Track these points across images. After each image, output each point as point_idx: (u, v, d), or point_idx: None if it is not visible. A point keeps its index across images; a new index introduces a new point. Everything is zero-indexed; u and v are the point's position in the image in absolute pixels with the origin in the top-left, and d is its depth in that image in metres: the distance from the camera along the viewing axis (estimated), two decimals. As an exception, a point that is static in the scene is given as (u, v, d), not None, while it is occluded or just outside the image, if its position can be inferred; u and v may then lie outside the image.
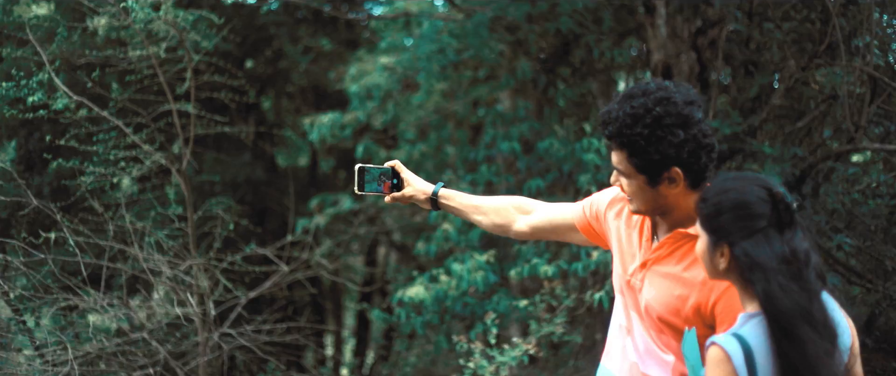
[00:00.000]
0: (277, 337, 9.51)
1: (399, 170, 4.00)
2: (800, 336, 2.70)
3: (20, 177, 13.52)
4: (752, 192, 2.82)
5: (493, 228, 4.00)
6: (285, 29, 14.44)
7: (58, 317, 11.38)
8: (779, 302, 2.71)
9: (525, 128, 9.00)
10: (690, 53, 8.80)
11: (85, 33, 13.34)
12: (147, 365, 8.85)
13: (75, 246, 8.32)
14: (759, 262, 2.75)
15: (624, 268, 3.44)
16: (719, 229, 2.85)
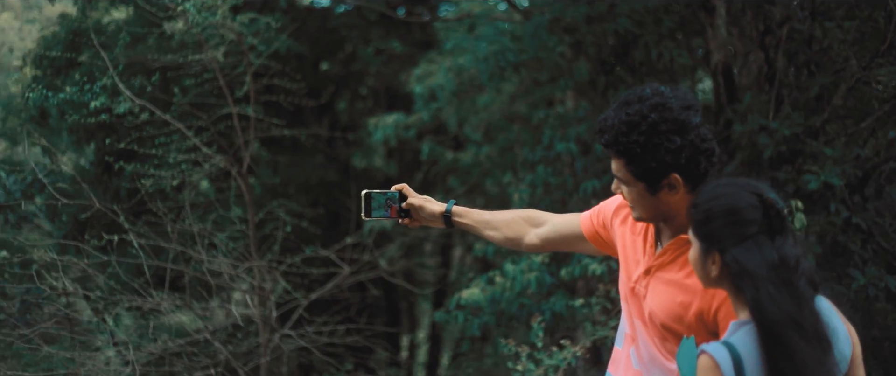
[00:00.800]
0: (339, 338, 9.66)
1: (407, 193, 3.97)
2: (789, 344, 2.68)
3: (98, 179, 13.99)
4: (742, 199, 2.80)
5: (506, 242, 3.99)
6: (357, 31, 14.63)
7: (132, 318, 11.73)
8: (767, 309, 2.69)
9: (583, 129, 9.01)
10: (759, 53, 8.73)
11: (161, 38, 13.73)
12: (209, 366, 9.07)
13: (139, 248, 8.56)
14: (749, 269, 2.73)
15: (628, 276, 3.42)
16: (710, 236, 2.83)
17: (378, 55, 14.75)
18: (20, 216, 17.59)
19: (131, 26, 12.83)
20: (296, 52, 14.32)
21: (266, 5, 13.94)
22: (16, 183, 16.16)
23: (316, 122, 15.91)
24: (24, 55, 17.80)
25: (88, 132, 15.07)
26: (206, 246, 9.19)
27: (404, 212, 3.94)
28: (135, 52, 13.10)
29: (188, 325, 9.58)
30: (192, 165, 9.05)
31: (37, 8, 21.83)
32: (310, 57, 15.25)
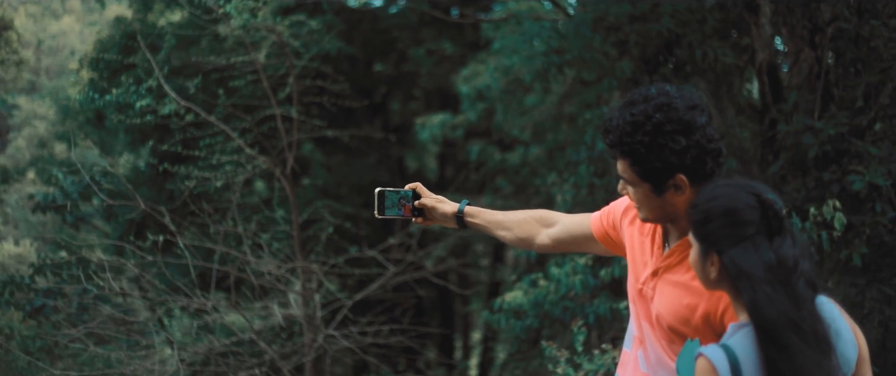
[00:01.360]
0: (383, 338, 9.76)
1: (421, 192, 3.96)
2: (787, 345, 2.67)
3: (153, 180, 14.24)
4: (740, 199, 2.79)
5: (517, 243, 3.97)
6: (408, 32, 14.74)
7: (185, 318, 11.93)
8: (765, 311, 2.69)
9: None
10: (809, 52, 8.68)
11: (214, 40, 13.96)
12: (254, 366, 9.21)
13: (185, 249, 8.73)
14: (746, 271, 2.72)
15: (636, 277, 3.40)
16: (708, 237, 2.82)
17: (429, 55, 14.85)
18: (77, 217, 17.98)
19: (185, 29, 13.06)
20: (347, 54, 14.47)
21: (317, 7, 14.10)
22: (73, 184, 16.51)
23: (368, 123, 16.06)
24: (81, 58, 18.20)
25: (143, 134, 15.35)
26: (252, 247, 9.34)
27: (418, 211, 3.94)
28: (188, 55, 13.34)
29: (238, 326, 9.75)
30: (237, 166, 9.21)
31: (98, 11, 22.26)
32: (361, 58, 15.39)
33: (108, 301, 10.40)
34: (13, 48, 19.24)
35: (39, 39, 32.89)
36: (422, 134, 11.59)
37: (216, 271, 9.25)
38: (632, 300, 3.44)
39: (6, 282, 16.79)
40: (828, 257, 7.86)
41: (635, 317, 3.42)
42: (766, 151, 8.84)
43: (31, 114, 25.58)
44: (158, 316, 11.39)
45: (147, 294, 10.05)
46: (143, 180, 16.06)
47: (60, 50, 32.00)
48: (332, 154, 15.72)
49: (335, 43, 14.00)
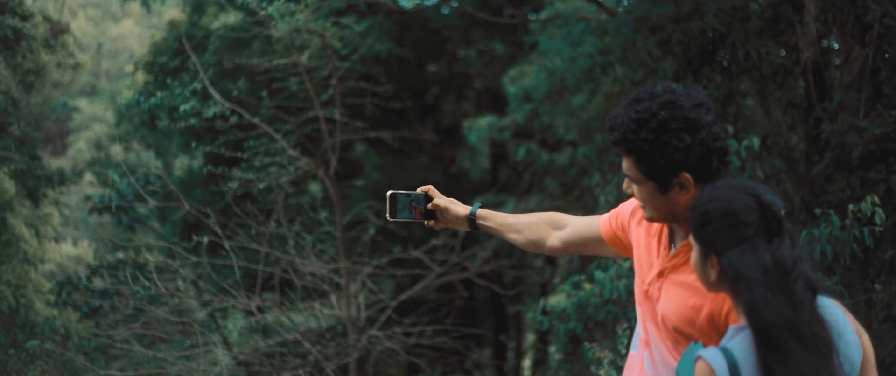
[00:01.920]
0: (427, 339, 9.86)
1: (433, 195, 3.98)
2: (784, 349, 2.67)
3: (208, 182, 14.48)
4: (739, 200, 2.78)
5: (528, 245, 3.98)
6: (459, 33, 14.83)
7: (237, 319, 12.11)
8: (762, 314, 2.69)
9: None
10: (859, 50, 8.64)
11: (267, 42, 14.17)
12: (298, 367, 9.37)
13: (230, 251, 8.90)
14: (743, 273, 2.72)
15: (642, 278, 3.39)
16: (708, 239, 2.82)
17: (480, 56, 14.93)
18: (133, 218, 18.32)
19: (237, 32, 13.27)
20: (397, 55, 14.60)
21: (368, 9, 14.25)
22: (128, 186, 16.83)
23: (420, 124, 16.19)
24: (136, 61, 18.55)
25: (196, 136, 15.61)
26: (297, 248, 9.48)
27: (429, 214, 3.96)
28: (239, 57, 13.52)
29: (290, 326, 9.90)
30: (280, 168, 9.37)
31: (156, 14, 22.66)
32: (413, 59, 15.51)
33: (161, 302, 10.61)
34: (69, 51, 19.63)
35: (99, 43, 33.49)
36: (469, 136, 11.66)
37: (262, 272, 9.42)
38: (638, 302, 3.43)
39: (63, 282, 17.18)
40: (872, 255, 7.83)
41: (641, 319, 3.41)
42: (812, 150, 8.80)
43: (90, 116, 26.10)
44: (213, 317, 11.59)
45: (196, 295, 10.24)
46: (197, 182, 16.33)
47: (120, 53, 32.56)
48: (384, 155, 15.87)
49: (386, 44, 14.14)
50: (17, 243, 18.74)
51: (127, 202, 16.69)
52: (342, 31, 12.16)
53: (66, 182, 19.86)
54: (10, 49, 17.20)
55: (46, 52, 18.75)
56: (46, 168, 18.92)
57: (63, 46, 19.39)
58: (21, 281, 18.50)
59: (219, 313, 11.91)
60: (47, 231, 21.15)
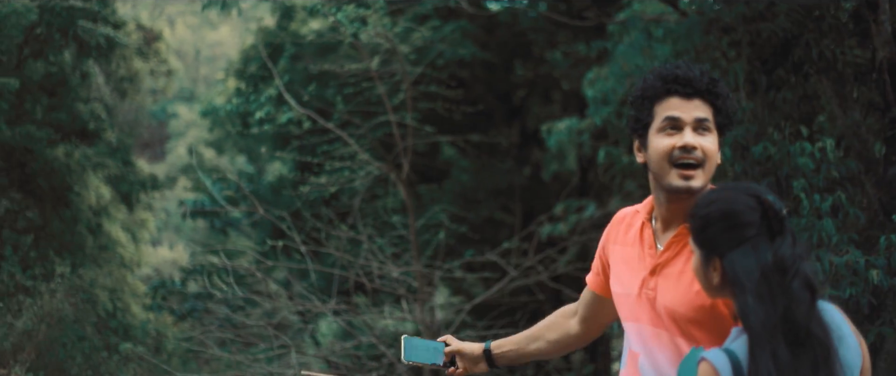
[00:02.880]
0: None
1: (449, 342, 3.94)
2: (774, 353, 2.70)
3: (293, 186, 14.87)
4: (740, 201, 2.81)
5: (555, 348, 3.94)
6: (544, 35, 14.95)
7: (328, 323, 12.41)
8: (750, 318, 2.71)
9: (740, 133, 9.04)
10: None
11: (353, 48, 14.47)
12: (372, 370, 9.62)
13: (304, 255, 9.19)
14: (740, 275, 2.76)
15: (630, 289, 3.37)
16: (709, 242, 2.85)
17: (566, 58, 15.03)
18: (226, 222, 18.85)
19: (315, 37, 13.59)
20: (481, 58, 14.79)
21: (452, 13, 14.46)
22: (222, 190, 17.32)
23: (506, 127, 16.36)
24: (226, 68, 19.08)
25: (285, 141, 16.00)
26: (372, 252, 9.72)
27: (451, 361, 3.91)
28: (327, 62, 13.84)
29: (370, 328, 10.15)
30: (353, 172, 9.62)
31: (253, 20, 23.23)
32: (498, 62, 15.68)
33: (254, 305, 10.94)
34: (162, 58, 20.28)
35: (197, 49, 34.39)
36: (549, 140, 11.78)
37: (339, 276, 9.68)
38: (627, 318, 3.39)
39: (157, 286, 17.77)
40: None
41: (634, 334, 3.37)
42: (891, 152, 8.74)
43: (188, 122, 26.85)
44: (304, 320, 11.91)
45: (287, 298, 10.54)
46: (286, 187, 16.73)
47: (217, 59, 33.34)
48: (472, 158, 16.06)
49: (470, 48, 14.34)
50: (113, 248, 19.42)
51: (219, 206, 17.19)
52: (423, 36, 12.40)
53: (159, 187, 20.50)
54: (103, 57, 17.86)
55: (140, 59, 19.41)
56: (140, 173, 19.55)
57: (156, 53, 20.04)
58: (118, 284, 19.17)
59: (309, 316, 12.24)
60: (144, 235, 21.86)
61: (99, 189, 18.82)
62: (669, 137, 3.15)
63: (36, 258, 17.60)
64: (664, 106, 3.17)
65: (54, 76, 17.30)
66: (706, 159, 3.14)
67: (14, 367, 13.68)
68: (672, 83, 3.17)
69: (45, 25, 16.33)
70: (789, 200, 8.52)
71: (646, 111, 3.22)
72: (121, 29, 17.75)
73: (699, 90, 3.14)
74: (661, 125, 3.17)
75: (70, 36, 16.55)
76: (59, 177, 17.11)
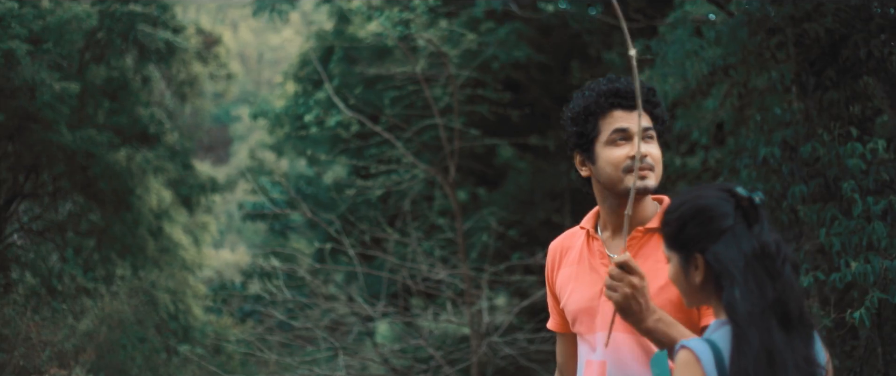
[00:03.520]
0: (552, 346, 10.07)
1: None
2: (771, 337, 2.71)
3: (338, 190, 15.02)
4: (709, 196, 2.86)
5: None
6: (599, 36, 14.97)
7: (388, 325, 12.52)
8: (743, 305, 2.72)
9: (789, 133, 9.01)
10: None
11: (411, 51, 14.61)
12: (420, 372, 9.74)
13: (352, 257, 9.33)
14: (728, 265, 2.77)
15: (590, 297, 3.46)
16: (688, 241, 2.87)
17: (621, 59, 15.03)
18: (285, 225, 19.10)
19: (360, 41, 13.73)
20: (537, 61, 14.84)
21: (507, 16, 14.53)
22: (282, 193, 17.57)
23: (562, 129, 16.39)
24: (285, 71, 19.33)
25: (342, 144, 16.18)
26: (422, 254, 9.83)
27: None
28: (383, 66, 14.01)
29: (452, 332, 10.24)
30: (399, 174, 9.73)
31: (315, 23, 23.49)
32: (554, 64, 15.72)
33: (313, 306, 11.10)
34: (222, 62, 20.59)
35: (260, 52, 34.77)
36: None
37: (386, 279, 9.81)
38: (588, 330, 3.47)
39: (219, 288, 18.06)
40: None
41: (600, 343, 3.42)
42: (940, 152, 8.67)
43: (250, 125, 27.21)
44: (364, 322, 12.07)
45: (347, 300, 10.69)
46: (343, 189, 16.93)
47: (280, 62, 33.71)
48: (530, 160, 16.12)
49: (525, 50, 14.40)
50: (174, 250, 19.78)
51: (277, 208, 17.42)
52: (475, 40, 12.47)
53: (218, 190, 20.83)
54: (163, 61, 18.20)
55: (199, 63, 19.74)
56: (199, 176, 19.89)
57: (215, 57, 20.36)
58: (179, 287, 19.50)
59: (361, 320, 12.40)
60: (205, 238, 22.22)
61: (160, 192, 19.19)
62: (620, 148, 3.37)
63: (98, 260, 17.99)
64: (609, 119, 3.40)
65: (115, 80, 17.68)
66: (655, 164, 3.39)
67: (75, 368, 13.99)
68: (614, 97, 3.40)
69: (106, 30, 16.70)
70: (839, 202, 8.49)
71: (590, 126, 3.44)
72: (180, 33, 18.08)
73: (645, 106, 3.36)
74: (611, 137, 3.39)
75: (130, 40, 16.90)
76: (120, 181, 17.46)
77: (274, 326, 11.62)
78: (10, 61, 13.46)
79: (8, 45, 13.20)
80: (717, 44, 9.76)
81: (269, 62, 35.22)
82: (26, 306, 14.82)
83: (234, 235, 31.12)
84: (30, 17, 14.36)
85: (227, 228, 30.14)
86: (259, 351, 11.33)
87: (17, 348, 13.73)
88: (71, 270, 16.83)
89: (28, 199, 17.67)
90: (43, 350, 13.94)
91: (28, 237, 17.79)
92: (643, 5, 14.46)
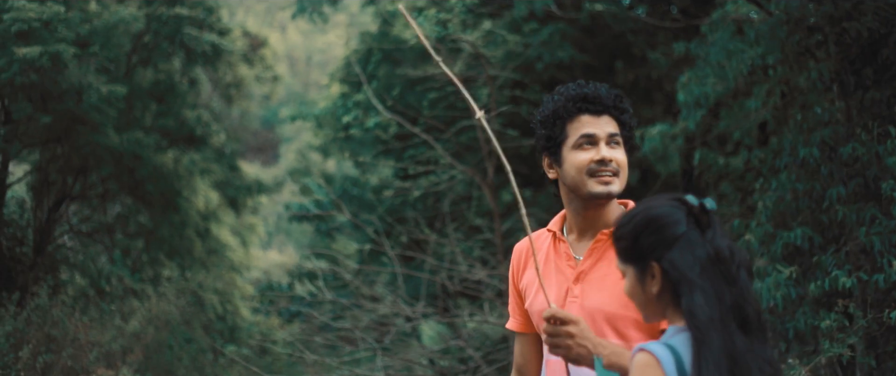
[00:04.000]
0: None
1: None
2: (733, 341, 2.73)
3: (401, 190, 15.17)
4: (660, 206, 2.89)
5: None
6: (643, 36, 14.95)
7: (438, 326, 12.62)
8: (702, 310, 2.74)
9: (828, 133, 8.98)
10: None
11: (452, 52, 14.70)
12: (460, 373, 9.81)
13: (391, 258, 9.43)
14: (685, 270, 2.79)
15: (554, 296, 3.49)
16: (643, 251, 2.88)
17: (665, 59, 15.00)
18: (331, 226, 19.25)
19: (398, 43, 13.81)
20: (581, 61, 14.86)
21: (549, 16, 14.56)
22: (327, 195, 17.71)
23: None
24: (330, 73, 19.47)
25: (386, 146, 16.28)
26: (460, 255, 9.89)
27: None
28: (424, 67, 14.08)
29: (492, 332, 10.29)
30: (437, 175, 9.80)
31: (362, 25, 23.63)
32: (598, 64, 15.72)
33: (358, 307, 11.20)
34: (268, 64, 20.79)
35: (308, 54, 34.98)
36: (643, 145, 11.76)
37: (426, 279, 9.89)
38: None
39: (265, 289, 18.22)
40: None
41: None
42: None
43: (298, 127, 27.42)
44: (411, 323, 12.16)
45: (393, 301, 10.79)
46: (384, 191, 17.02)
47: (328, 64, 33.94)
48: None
49: (569, 51, 14.43)
50: (222, 251, 20.00)
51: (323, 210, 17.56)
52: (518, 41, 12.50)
53: (264, 191, 21.03)
54: (210, 64, 18.42)
55: (245, 65, 19.95)
56: (245, 178, 20.09)
57: (261, 60, 20.56)
58: (227, 287, 19.72)
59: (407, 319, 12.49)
60: (253, 239, 22.45)
61: (207, 194, 19.41)
62: (586, 152, 3.44)
63: (146, 262, 18.24)
64: (576, 124, 3.47)
65: (162, 83, 17.92)
66: (620, 169, 3.45)
67: (122, 369, 14.19)
68: (582, 102, 3.48)
69: (153, 33, 16.93)
70: (878, 202, 8.46)
71: (558, 130, 3.50)
72: (226, 36, 18.28)
73: (607, 107, 3.46)
74: (577, 142, 3.46)
75: (177, 43, 17.11)
76: (167, 183, 17.70)
77: (318, 327, 11.73)
78: (58, 65, 13.70)
79: (55, 49, 13.43)
80: (758, 43, 9.75)
81: (317, 64, 35.46)
82: (75, 307, 15.05)
83: (282, 236, 31.38)
84: (77, 20, 14.60)
85: (275, 229, 30.41)
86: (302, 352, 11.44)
87: (65, 349, 13.95)
88: (119, 271, 17.08)
89: (77, 201, 17.96)
90: (90, 350, 14.15)
91: (77, 238, 18.09)
92: (687, 4, 14.44)
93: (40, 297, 14.44)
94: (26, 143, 16.13)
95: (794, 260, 8.99)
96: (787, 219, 9.19)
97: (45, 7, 13.75)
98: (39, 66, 13.52)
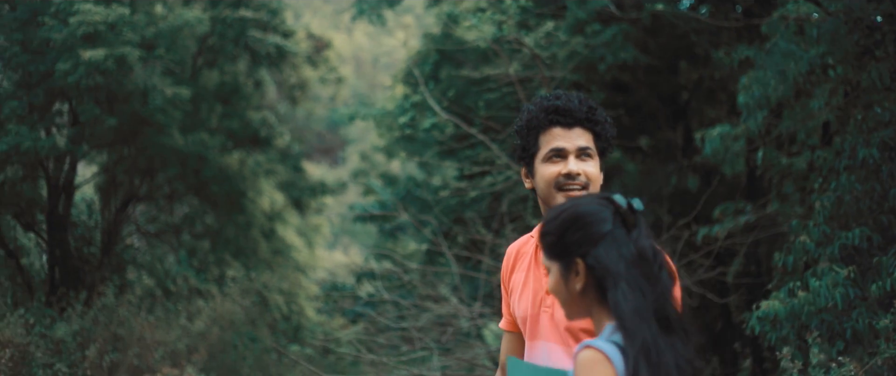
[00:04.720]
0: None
1: None
2: (654, 340, 2.75)
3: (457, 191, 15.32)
4: (587, 203, 2.91)
5: None
6: (707, 36, 14.92)
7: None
8: (626, 304, 2.76)
9: (888, 133, 8.94)
10: None
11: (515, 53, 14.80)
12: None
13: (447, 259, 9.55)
14: (610, 266, 2.80)
15: (532, 305, 3.55)
16: (568, 247, 2.88)
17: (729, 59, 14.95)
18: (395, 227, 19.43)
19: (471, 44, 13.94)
20: (643, 62, 14.87)
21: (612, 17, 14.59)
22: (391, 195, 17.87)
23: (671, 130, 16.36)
24: (394, 75, 19.64)
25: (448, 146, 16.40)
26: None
27: None
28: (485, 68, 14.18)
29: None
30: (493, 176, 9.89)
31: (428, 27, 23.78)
32: (661, 65, 15.71)
33: (422, 309, 11.32)
34: (331, 66, 21.01)
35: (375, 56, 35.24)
36: (705, 147, 11.74)
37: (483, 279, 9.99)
38: (530, 337, 3.56)
39: (330, 288, 18.43)
40: None
41: (538, 351, 3.51)
42: None
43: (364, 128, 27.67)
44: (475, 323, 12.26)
45: (458, 303, 10.91)
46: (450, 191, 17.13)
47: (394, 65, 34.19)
48: (639, 161, 16.13)
49: (631, 52, 14.45)
50: (287, 252, 20.26)
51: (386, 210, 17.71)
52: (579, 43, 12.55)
53: (328, 192, 21.25)
54: (274, 65, 18.68)
55: (309, 67, 20.18)
56: (309, 179, 20.32)
57: (325, 61, 20.78)
58: (293, 287, 19.97)
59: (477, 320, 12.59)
60: (318, 240, 22.71)
61: (272, 195, 19.67)
62: (555, 165, 3.50)
63: (212, 262, 18.54)
64: (548, 136, 3.52)
65: (228, 85, 18.19)
66: (589, 183, 3.51)
67: (187, 368, 14.46)
68: (553, 114, 3.52)
69: (218, 36, 17.18)
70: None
71: (531, 141, 3.56)
72: (290, 38, 18.51)
73: (579, 119, 3.50)
74: (547, 154, 3.51)
75: (241, 46, 17.38)
76: (232, 184, 17.96)
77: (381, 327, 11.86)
78: (123, 67, 14.00)
79: (120, 52, 13.73)
80: (818, 43, 9.72)
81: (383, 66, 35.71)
82: (141, 306, 15.36)
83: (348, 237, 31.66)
84: (142, 23, 14.91)
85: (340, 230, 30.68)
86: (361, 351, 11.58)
87: (131, 348, 14.26)
88: (184, 271, 17.39)
89: (144, 202, 18.30)
90: (156, 349, 14.45)
91: (144, 239, 18.44)
92: (751, 4, 14.39)
93: (107, 297, 14.78)
94: (93, 145, 16.47)
95: (853, 260, 8.96)
96: (848, 220, 9.16)
97: (111, 10, 14.05)
98: (105, 68, 13.82)
